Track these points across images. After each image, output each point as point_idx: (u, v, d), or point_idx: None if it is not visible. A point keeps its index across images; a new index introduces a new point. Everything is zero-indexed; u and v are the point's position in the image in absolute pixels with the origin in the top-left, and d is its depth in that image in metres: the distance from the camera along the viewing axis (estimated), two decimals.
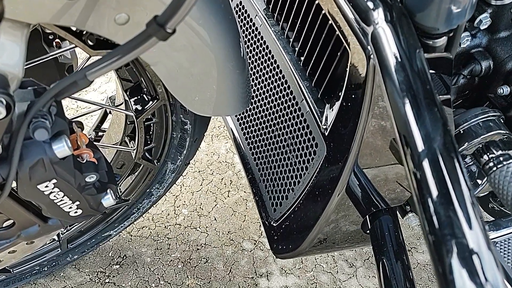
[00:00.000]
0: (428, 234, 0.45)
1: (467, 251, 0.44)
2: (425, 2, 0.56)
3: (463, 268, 0.43)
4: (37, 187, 0.60)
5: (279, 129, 0.91)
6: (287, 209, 0.90)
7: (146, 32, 0.45)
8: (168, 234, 1.23)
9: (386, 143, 0.74)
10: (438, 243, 0.46)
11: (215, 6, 0.60)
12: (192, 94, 0.67)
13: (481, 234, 0.45)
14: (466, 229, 0.45)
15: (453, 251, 0.44)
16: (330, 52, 0.75)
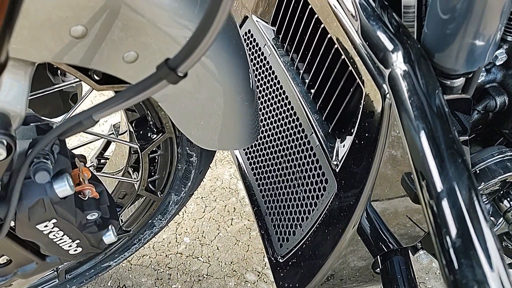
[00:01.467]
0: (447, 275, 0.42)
1: None
2: (444, 44, 0.54)
3: None
4: (36, 227, 0.57)
5: (287, 162, 0.88)
6: (294, 245, 0.86)
7: (156, 75, 0.43)
8: (169, 263, 1.19)
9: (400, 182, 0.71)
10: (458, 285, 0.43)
11: (226, 40, 0.58)
12: (198, 127, 0.64)
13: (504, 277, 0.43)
14: (488, 271, 0.43)
15: None
16: (342, 86, 0.73)
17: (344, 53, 0.68)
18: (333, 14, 0.67)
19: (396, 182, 0.71)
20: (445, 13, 0.53)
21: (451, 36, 0.54)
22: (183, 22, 0.51)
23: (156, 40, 0.50)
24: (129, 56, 0.50)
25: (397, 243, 0.80)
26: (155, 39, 0.49)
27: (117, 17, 0.47)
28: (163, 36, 0.50)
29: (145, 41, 0.49)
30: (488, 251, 0.43)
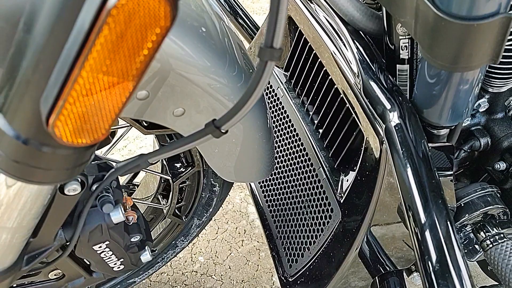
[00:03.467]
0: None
1: None
2: (431, 103, 0.67)
3: None
4: (93, 247, 0.69)
5: (297, 192, 1.00)
6: (303, 266, 0.98)
7: (204, 131, 0.55)
8: (185, 280, 1.30)
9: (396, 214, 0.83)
10: None
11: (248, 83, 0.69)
12: (224, 163, 0.76)
13: None
14: None
15: None
16: (346, 130, 0.85)
17: (348, 103, 0.80)
18: (339, 70, 0.80)
19: (393, 212, 0.83)
20: (431, 78, 0.65)
21: (436, 97, 0.66)
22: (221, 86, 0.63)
23: (200, 99, 0.62)
24: (177, 111, 0.62)
25: (393, 266, 0.91)
26: (199, 98, 0.62)
27: (169, 81, 0.60)
28: (205, 96, 0.62)
29: (191, 100, 0.62)
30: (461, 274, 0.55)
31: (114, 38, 0.32)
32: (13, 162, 0.41)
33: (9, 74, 0.39)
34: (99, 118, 0.37)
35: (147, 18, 0.31)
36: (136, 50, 0.33)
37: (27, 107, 0.38)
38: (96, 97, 0.35)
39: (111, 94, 0.36)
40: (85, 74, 0.33)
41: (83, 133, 0.38)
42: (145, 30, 0.32)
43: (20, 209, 0.48)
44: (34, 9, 0.35)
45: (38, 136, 0.40)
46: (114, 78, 0.34)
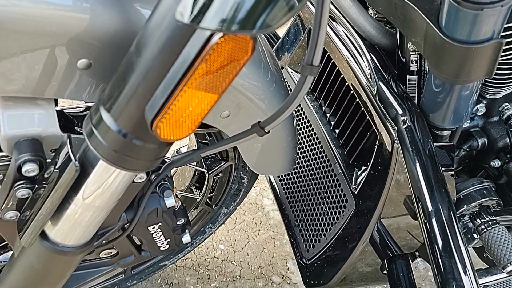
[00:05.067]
0: (436, 276, 0.66)
1: None
2: (436, 108, 0.79)
3: None
4: (148, 228, 0.81)
5: (314, 185, 1.12)
6: (319, 250, 1.10)
7: (250, 131, 0.66)
8: (208, 265, 1.42)
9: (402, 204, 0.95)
10: (443, 285, 0.66)
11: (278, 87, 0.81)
12: (257, 158, 0.89)
13: (473, 279, 0.67)
14: (462, 274, 0.67)
15: None
16: (361, 131, 0.97)
17: (363, 107, 0.93)
18: (356, 79, 0.92)
19: (400, 203, 0.95)
20: (437, 88, 0.78)
21: (441, 104, 0.78)
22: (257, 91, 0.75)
23: (241, 103, 0.74)
24: (224, 114, 0.74)
25: (400, 250, 1.03)
26: (241, 102, 0.74)
27: None
28: (245, 100, 0.74)
29: (235, 104, 0.74)
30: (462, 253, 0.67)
31: (213, 65, 0.44)
32: (112, 152, 0.53)
33: (118, 84, 0.51)
34: (189, 121, 0.50)
35: (238, 50, 0.43)
36: (227, 74, 0.45)
37: (131, 111, 0.50)
38: (191, 106, 0.48)
39: (201, 104, 0.48)
40: (187, 89, 0.46)
41: (175, 132, 0.50)
42: (236, 59, 0.44)
43: (109, 191, 0.60)
44: (146, 37, 0.47)
45: (134, 132, 0.52)
46: (207, 94, 0.47)
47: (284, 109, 0.61)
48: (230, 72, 0.45)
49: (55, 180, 0.58)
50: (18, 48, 0.53)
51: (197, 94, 0.47)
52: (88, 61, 0.56)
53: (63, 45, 0.54)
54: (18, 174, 0.60)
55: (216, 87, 0.47)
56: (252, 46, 0.43)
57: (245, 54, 0.44)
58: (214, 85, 0.46)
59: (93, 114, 0.53)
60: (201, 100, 0.48)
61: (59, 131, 0.63)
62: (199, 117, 0.50)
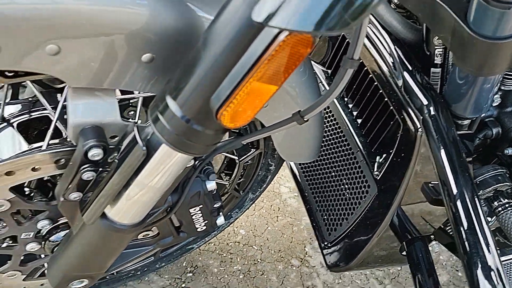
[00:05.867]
0: (461, 253, 0.73)
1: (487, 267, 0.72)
2: (459, 99, 0.85)
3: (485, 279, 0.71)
4: (189, 210, 0.87)
5: (336, 171, 1.18)
6: (341, 233, 1.16)
7: (290, 119, 0.72)
8: (230, 249, 1.49)
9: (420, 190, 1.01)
10: (469, 261, 0.73)
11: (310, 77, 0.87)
12: (287, 146, 0.95)
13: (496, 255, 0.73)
14: (486, 251, 0.73)
15: (478, 267, 0.72)
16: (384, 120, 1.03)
17: (387, 97, 0.98)
18: (380, 71, 0.97)
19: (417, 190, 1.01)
20: (460, 80, 0.83)
21: (463, 95, 0.84)
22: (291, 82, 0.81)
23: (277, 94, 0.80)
24: None
25: (418, 232, 1.10)
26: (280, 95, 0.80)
27: None
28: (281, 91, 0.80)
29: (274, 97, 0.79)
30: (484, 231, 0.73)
31: (277, 59, 0.49)
32: (175, 136, 0.59)
33: (185, 75, 0.56)
34: (250, 110, 0.55)
35: (301, 45, 0.49)
36: (289, 67, 0.51)
37: (196, 99, 0.56)
38: (253, 97, 0.53)
39: (262, 95, 0.54)
40: (252, 82, 0.51)
41: (237, 120, 0.56)
42: (298, 53, 0.49)
43: (167, 173, 0.66)
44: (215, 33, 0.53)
45: (196, 118, 0.57)
46: (269, 85, 0.52)
47: (323, 100, 0.66)
48: (292, 65, 0.51)
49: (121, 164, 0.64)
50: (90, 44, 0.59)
51: (260, 85, 0.52)
52: (152, 55, 0.62)
53: (130, 41, 0.60)
54: (85, 158, 0.66)
55: (278, 79, 0.52)
56: (313, 41, 0.49)
57: (307, 48, 0.49)
58: (276, 78, 0.52)
59: (159, 103, 0.59)
60: (262, 91, 0.53)
61: (120, 119, 0.69)
62: (259, 106, 0.56)
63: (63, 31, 0.55)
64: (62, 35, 0.55)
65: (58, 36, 0.55)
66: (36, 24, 0.53)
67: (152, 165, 0.64)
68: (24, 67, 0.57)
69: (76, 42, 0.57)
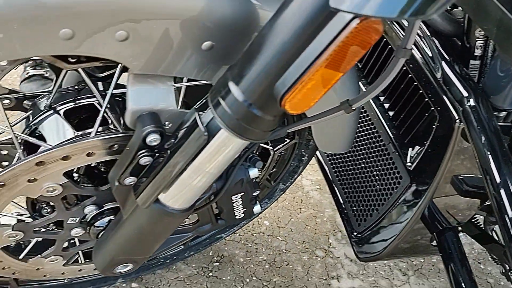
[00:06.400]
0: (505, 240, 0.74)
1: None
2: (498, 91, 0.86)
3: None
4: (231, 197, 0.89)
5: (367, 163, 1.20)
6: (371, 224, 1.18)
7: (338, 108, 0.74)
8: (255, 240, 1.51)
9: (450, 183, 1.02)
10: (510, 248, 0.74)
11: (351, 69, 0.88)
12: (324, 136, 0.96)
13: None
14: None
15: None
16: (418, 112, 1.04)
17: (423, 89, 1.00)
18: (417, 63, 0.99)
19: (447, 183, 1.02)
20: (501, 72, 0.85)
21: (504, 87, 0.85)
22: None
23: None
24: None
25: (448, 223, 1.11)
26: None
27: None
28: None
29: None
30: None
31: (347, 46, 0.51)
32: (235, 121, 0.60)
33: (249, 61, 0.58)
34: (313, 96, 0.57)
35: (371, 32, 0.50)
36: (357, 54, 0.52)
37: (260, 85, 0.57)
38: (320, 83, 0.55)
39: (326, 81, 0.56)
40: (320, 68, 0.53)
41: (300, 105, 0.58)
42: (368, 40, 0.51)
43: (222, 158, 0.68)
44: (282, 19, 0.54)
45: (258, 103, 0.59)
46: (335, 72, 0.54)
47: (373, 89, 0.67)
48: (360, 52, 0.52)
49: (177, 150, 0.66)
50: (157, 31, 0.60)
51: (327, 72, 0.54)
52: (212, 43, 0.64)
53: (194, 28, 0.61)
54: (143, 144, 0.68)
55: (345, 66, 0.54)
56: (382, 27, 0.51)
57: (376, 35, 0.51)
58: (343, 64, 0.54)
59: (221, 88, 0.60)
60: (328, 78, 0.55)
61: (175, 106, 0.70)
62: (322, 93, 0.57)
63: (134, 16, 0.56)
64: (133, 21, 0.57)
65: (129, 22, 0.57)
66: (110, 9, 0.54)
67: (209, 150, 0.66)
68: (94, 52, 0.59)
69: (144, 28, 0.58)
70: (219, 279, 1.40)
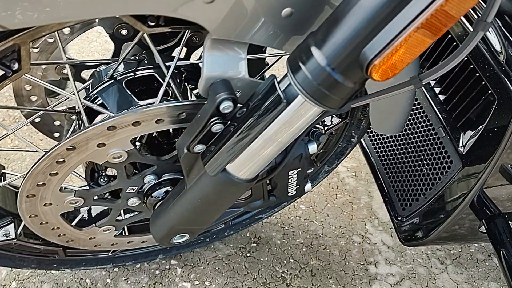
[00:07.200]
0: None
1: None
2: None
3: None
4: (288, 172, 0.89)
5: (414, 147, 1.19)
6: (417, 209, 1.17)
7: (408, 82, 0.73)
8: (292, 223, 1.52)
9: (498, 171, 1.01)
10: None
11: None
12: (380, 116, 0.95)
13: None
14: None
15: None
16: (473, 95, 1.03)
17: (481, 72, 0.98)
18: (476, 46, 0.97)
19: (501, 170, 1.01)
20: None
21: None
22: None
23: None
24: None
25: (498, 210, 1.10)
26: None
27: None
28: None
29: None
30: None
31: (445, 9, 0.50)
32: (315, 86, 0.60)
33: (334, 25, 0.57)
34: (400, 63, 0.57)
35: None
36: (451, 19, 0.52)
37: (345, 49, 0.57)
38: (410, 49, 0.54)
39: (418, 47, 0.55)
40: (413, 34, 0.53)
41: (386, 73, 0.57)
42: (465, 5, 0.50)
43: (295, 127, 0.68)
44: None
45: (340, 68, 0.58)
46: (427, 38, 0.53)
47: (447, 63, 0.67)
48: (454, 18, 0.52)
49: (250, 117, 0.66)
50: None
51: (419, 37, 0.53)
52: (291, 10, 0.64)
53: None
54: (216, 111, 0.68)
55: (436, 32, 0.53)
56: None
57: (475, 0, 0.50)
58: (436, 30, 0.53)
59: (302, 54, 0.60)
60: (419, 44, 0.54)
61: (247, 74, 0.71)
62: (411, 59, 0.57)
63: None
64: None
65: None
66: None
67: (283, 118, 0.66)
68: (178, 13, 0.59)
69: None
70: (257, 260, 1.40)
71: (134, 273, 1.33)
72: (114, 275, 1.33)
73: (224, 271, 1.36)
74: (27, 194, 0.81)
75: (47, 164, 0.76)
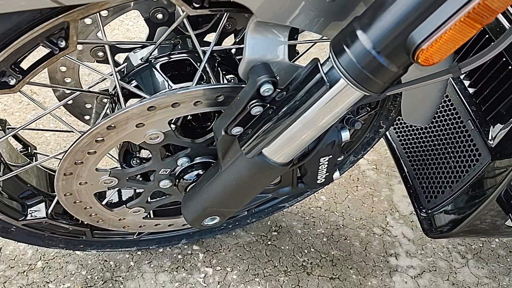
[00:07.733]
0: None
1: None
2: None
3: None
4: (320, 159, 0.90)
5: (441, 140, 1.19)
6: (442, 201, 1.17)
7: (447, 70, 0.73)
8: (312, 213, 1.52)
9: None
10: None
11: None
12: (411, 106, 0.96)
13: None
14: None
15: None
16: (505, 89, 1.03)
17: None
18: None
19: None
20: None
21: None
22: None
23: None
24: None
25: None
26: None
27: None
28: None
29: None
30: None
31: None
32: (359, 69, 0.60)
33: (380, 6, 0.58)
34: (446, 49, 0.57)
35: None
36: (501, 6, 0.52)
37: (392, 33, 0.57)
38: (458, 35, 0.55)
39: (463, 34, 0.55)
40: (465, 18, 0.53)
41: (432, 58, 0.58)
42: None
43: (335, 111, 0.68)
44: None
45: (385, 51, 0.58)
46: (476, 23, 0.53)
47: (486, 54, 0.66)
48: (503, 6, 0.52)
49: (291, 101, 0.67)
50: None
51: (468, 24, 0.54)
52: None
53: None
54: (256, 93, 0.69)
55: (484, 20, 0.53)
56: None
57: None
58: (483, 18, 0.53)
59: (347, 36, 0.60)
60: (467, 31, 0.55)
61: (287, 58, 0.71)
62: (456, 46, 0.57)
63: None
64: None
65: None
66: None
67: (324, 102, 0.66)
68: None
69: None
70: (278, 248, 1.42)
71: (157, 257, 1.35)
72: (137, 258, 1.35)
73: (245, 258, 1.38)
74: (65, 172, 0.83)
75: (87, 142, 0.78)
